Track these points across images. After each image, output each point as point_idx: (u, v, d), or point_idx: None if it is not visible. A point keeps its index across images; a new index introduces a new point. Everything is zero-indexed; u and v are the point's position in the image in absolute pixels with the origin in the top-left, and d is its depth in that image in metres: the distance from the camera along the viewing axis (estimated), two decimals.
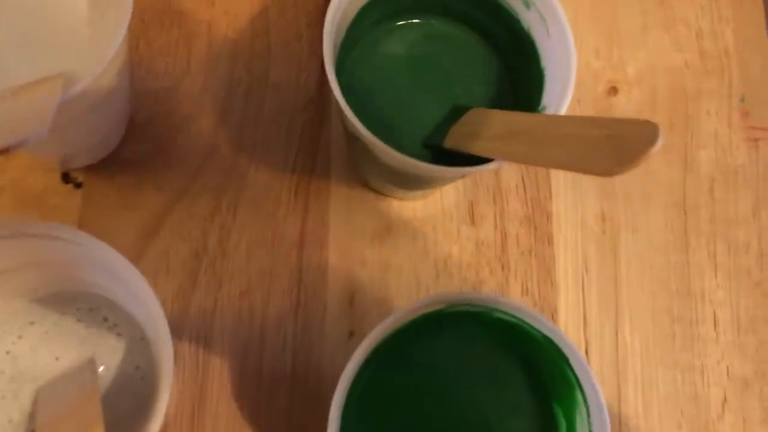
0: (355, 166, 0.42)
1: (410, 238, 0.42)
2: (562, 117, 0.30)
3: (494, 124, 0.32)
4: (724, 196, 0.46)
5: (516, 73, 0.36)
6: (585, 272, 0.44)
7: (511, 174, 0.45)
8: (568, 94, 0.32)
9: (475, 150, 0.31)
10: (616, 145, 0.24)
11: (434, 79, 0.36)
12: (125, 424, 0.33)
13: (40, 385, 0.32)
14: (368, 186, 0.42)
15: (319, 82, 0.44)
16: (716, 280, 0.45)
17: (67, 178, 0.40)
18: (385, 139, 0.30)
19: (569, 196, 0.45)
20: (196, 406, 0.39)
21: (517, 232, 0.44)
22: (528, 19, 0.34)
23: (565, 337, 0.29)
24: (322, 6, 0.45)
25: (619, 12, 0.48)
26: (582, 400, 0.30)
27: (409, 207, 0.43)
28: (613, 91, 0.47)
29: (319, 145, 0.43)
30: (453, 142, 0.34)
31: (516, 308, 0.30)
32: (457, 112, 0.35)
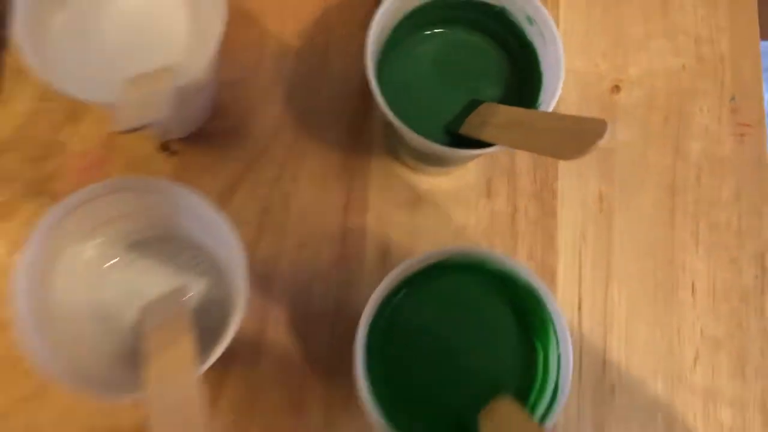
0: (392, 147, 0.51)
1: (435, 207, 0.51)
2: (542, 113, 0.39)
3: (498, 116, 0.41)
4: (710, 182, 0.54)
5: (521, 75, 0.45)
6: (582, 242, 0.52)
7: (524, 158, 0.53)
8: (556, 95, 0.40)
9: (484, 136, 0.40)
10: (576, 137, 0.33)
11: (455, 78, 0.45)
12: (205, 340, 0.43)
13: (143, 304, 0.43)
14: (403, 163, 0.51)
15: (366, 77, 0.53)
16: (697, 254, 0.53)
17: (165, 147, 0.50)
18: (413, 126, 0.39)
19: (573, 178, 0.53)
20: (258, 334, 0.49)
21: (526, 206, 0.52)
22: (531, 32, 0.43)
23: (541, 284, 0.38)
24: (370, 13, 0.54)
25: (626, 21, 0.56)
26: (553, 333, 0.39)
27: (436, 182, 0.52)
28: (616, 89, 0.55)
29: (364, 130, 0.52)
30: (467, 130, 0.43)
31: (503, 261, 0.39)
32: (472, 105, 0.44)
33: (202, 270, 0.45)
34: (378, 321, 0.40)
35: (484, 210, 0.52)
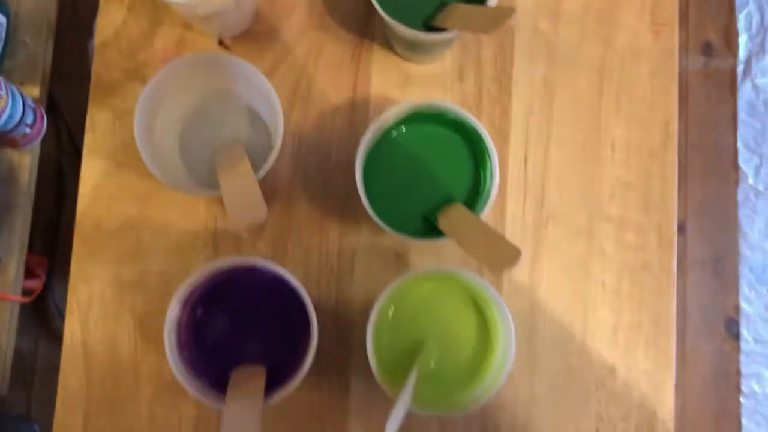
0: (390, 42, 0.69)
1: (419, 87, 0.70)
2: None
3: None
4: (631, 67, 0.71)
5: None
6: (530, 114, 0.70)
7: (489, 49, 0.71)
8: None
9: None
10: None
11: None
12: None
13: (214, 147, 0.63)
14: (396, 54, 0.70)
15: None
16: (618, 121, 0.70)
17: (221, 43, 0.69)
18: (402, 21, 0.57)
19: (525, 65, 0.71)
20: (291, 175, 0.68)
21: (489, 87, 0.70)
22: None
23: (482, 127, 0.57)
24: None
25: None
26: (490, 163, 0.58)
27: (421, 69, 0.70)
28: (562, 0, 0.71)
29: (368, 27, 0.70)
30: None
31: (459, 111, 0.57)
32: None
33: (252, 125, 0.64)
34: (371, 152, 0.59)
35: (457, 90, 0.70)
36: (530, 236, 0.69)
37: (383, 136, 0.60)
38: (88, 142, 0.68)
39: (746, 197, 1.59)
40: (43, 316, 1.51)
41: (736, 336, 1.56)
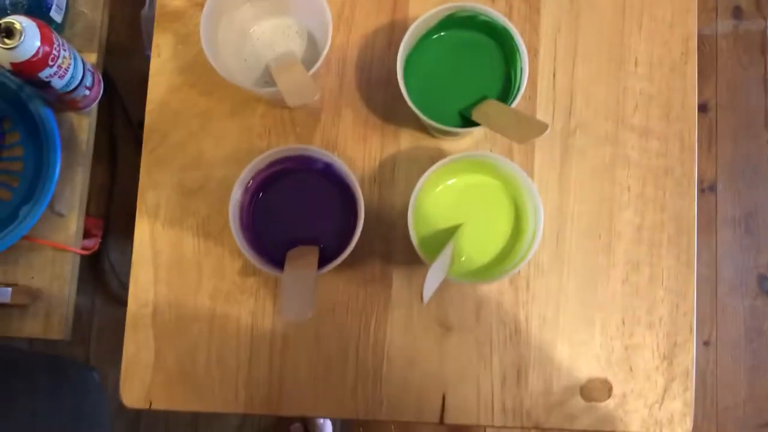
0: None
1: None
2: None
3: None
4: None
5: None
6: (557, 32, 0.75)
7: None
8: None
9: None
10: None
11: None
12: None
13: (268, 60, 0.69)
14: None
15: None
16: (640, 38, 0.75)
17: None
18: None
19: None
20: (338, 91, 0.74)
21: (519, 6, 0.75)
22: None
23: (511, 25, 0.62)
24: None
25: None
26: (520, 63, 0.63)
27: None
28: None
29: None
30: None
31: (492, 13, 0.63)
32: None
33: (303, 39, 0.71)
34: (411, 56, 0.65)
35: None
36: (558, 144, 0.74)
37: (420, 42, 0.66)
38: (154, 65, 0.76)
39: None
40: (99, 276, 1.60)
41: None
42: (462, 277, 0.62)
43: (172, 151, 0.74)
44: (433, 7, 0.73)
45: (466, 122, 0.65)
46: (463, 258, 0.65)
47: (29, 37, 0.61)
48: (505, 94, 0.66)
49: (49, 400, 0.77)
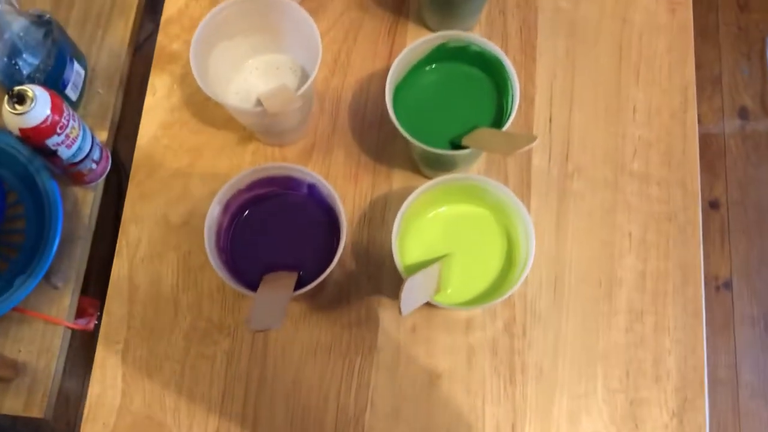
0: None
1: None
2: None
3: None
4: (648, 41, 0.76)
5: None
6: (554, 78, 0.75)
7: (514, 24, 0.77)
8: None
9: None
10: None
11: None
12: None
13: (260, 92, 0.69)
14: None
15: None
16: (638, 87, 0.74)
17: None
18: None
19: (548, 38, 0.76)
20: (331, 130, 0.73)
21: (515, 55, 0.76)
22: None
23: (501, 52, 0.62)
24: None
25: None
26: (511, 91, 0.62)
27: None
28: None
29: (403, 7, 0.77)
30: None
31: (484, 43, 0.63)
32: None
33: (297, 75, 0.70)
34: (400, 88, 0.64)
35: None
36: (555, 188, 0.71)
37: (411, 73, 0.66)
38: (147, 103, 0.76)
39: None
40: (91, 358, 1.55)
41: None
42: (451, 304, 0.58)
43: (159, 186, 0.73)
44: None
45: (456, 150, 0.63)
46: (450, 290, 0.61)
47: (40, 104, 0.63)
48: (497, 124, 0.64)
49: None
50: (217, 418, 0.66)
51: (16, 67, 0.72)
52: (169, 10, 0.78)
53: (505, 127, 0.61)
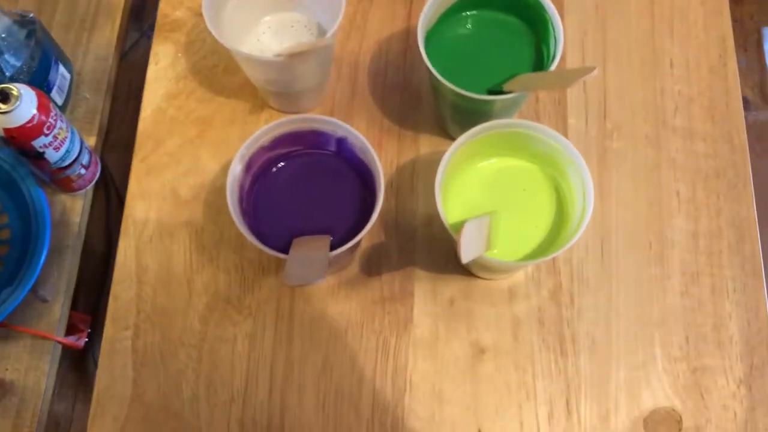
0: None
1: None
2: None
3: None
4: None
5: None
6: (584, 35, 0.71)
7: None
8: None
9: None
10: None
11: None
12: None
13: (274, 51, 0.63)
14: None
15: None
16: (672, 41, 0.70)
17: None
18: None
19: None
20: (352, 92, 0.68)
21: None
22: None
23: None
24: None
25: None
26: (553, 36, 0.57)
27: None
28: None
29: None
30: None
31: None
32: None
33: (313, 32, 0.65)
34: (430, 35, 0.59)
35: None
36: (594, 148, 0.67)
37: (441, 22, 0.61)
38: (150, 73, 0.70)
39: None
40: (82, 378, 1.47)
41: None
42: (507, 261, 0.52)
43: (166, 159, 0.67)
44: None
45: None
46: (496, 250, 0.55)
47: (25, 103, 0.57)
48: (538, 69, 0.59)
49: None
50: (240, 407, 0.59)
51: None
52: None
53: (551, 69, 0.56)
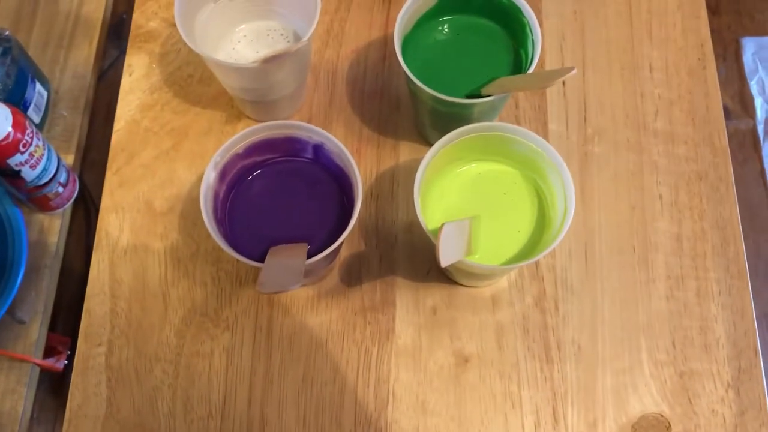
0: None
1: None
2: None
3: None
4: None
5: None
6: (563, 40, 0.70)
7: None
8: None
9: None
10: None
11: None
12: None
13: (263, 54, 0.62)
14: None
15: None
16: (651, 45, 0.70)
17: None
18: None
19: (555, 2, 0.72)
20: (329, 103, 0.67)
21: None
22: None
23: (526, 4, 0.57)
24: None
25: None
26: (531, 39, 0.57)
27: None
28: None
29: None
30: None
31: None
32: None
33: (289, 39, 0.64)
34: (407, 42, 0.59)
35: None
36: (576, 153, 0.66)
37: (417, 28, 0.60)
38: (124, 85, 0.69)
39: None
40: (62, 404, 1.43)
41: None
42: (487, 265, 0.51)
43: (141, 171, 0.65)
44: None
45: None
46: (477, 256, 0.54)
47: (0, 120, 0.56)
48: (517, 73, 0.59)
49: None
50: (218, 423, 0.57)
51: None
52: None
53: (530, 71, 0.55)
